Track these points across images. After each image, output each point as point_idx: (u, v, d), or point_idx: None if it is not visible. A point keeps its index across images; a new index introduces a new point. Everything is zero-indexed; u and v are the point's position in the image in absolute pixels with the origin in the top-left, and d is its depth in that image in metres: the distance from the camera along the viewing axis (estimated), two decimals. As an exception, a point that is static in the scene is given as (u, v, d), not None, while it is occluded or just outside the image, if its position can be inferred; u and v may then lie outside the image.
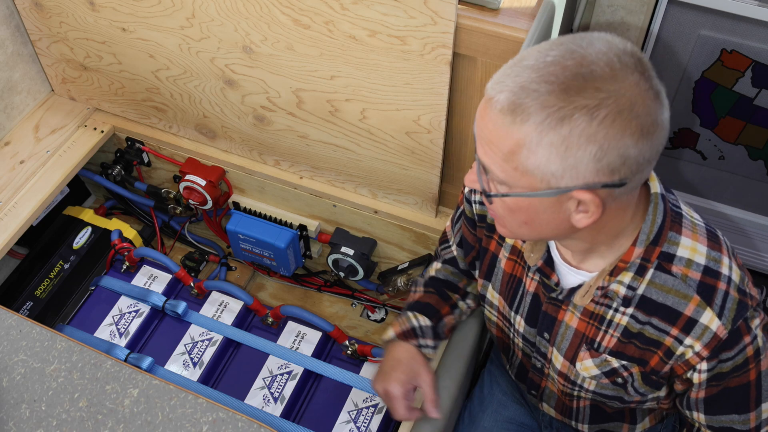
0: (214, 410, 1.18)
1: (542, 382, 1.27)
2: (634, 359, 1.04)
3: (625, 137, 0.80)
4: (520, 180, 0.85)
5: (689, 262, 0.96)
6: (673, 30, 1.68)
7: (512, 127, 0.81)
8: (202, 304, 1.66)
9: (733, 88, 1.74)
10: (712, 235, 1.00)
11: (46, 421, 1.18)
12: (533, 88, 0.80)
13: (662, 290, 0.97)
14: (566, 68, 0.79)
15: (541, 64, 0.81)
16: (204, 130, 1.70)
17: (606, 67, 0.79)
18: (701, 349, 0.97)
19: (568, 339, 1.10)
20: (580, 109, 0.78)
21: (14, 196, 1.62)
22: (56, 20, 1.59)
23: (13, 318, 1.30)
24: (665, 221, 0.97)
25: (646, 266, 0.97)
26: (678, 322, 0.97)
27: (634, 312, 1.00)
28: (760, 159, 1.87)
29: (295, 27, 1.33)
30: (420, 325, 1.23)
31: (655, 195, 0.97)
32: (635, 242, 0.96)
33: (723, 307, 0.96)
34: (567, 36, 0.85)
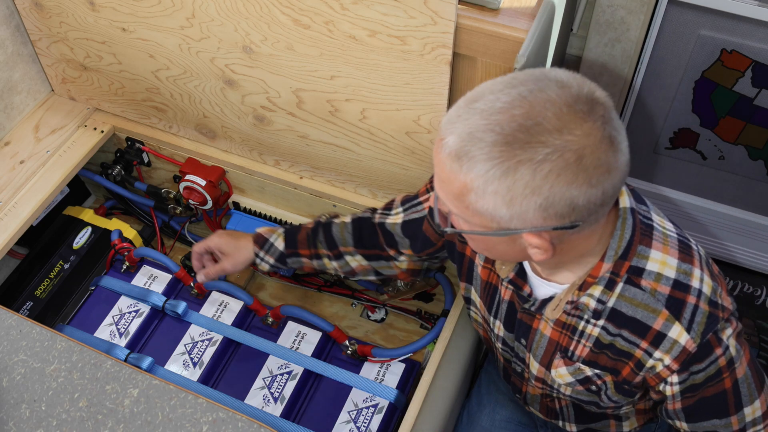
0: (214, 410, 1.18)
1: (524, 387, 1.28)
2: (607, 369, 1.05)
3: (571, 189, 0.80)
4: (473, 218, 0.87)
5: (658, 276, 0.96)
6: (673, 30, 1.68)
7: (459, 173, 0.82)
8: (202, 304, 1.66)
9: (733, 88, 1.74)
10: (684, 247, 0.99)
11: (46, 421, 1.18)
12: (479, 136, 0.80)
13: (632, 304, 0.97)
14: (513, 118, 0.79)
15: (491, 110, 0.80)
16: (204, 130, 1.70)
17: (554, 118, 0.79)
18: (671, 362, 0.97)
19: (543, 346, 1.11)
20: (524, 163, 0.79)
21: (14, 196, 1.62)
22: (56, 20, 1.59)
23: (13, 318, 1.30)
24: (634, 235, 0.96)
25: (616, 280, 0.97)
26: (647, 336, 0.97)
27: (604, 324, 1.00)
28: (760, 159, 1.87)
29: (295, 27, 1.33)
30: (273, 245, 1.37)
31: (624, 210, 0.96)
32: (603, 258, 0.96)
33: (692, 320, 0.95)
34: (524, 74, 0.83)
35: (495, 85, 0.83)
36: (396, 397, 1.48)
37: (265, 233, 1.40)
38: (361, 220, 1.36)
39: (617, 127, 0.83)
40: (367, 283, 1.79)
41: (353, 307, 1.86)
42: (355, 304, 1.86)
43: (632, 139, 1.95)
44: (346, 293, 1.84)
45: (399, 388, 1.50)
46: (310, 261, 1.39)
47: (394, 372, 1.54)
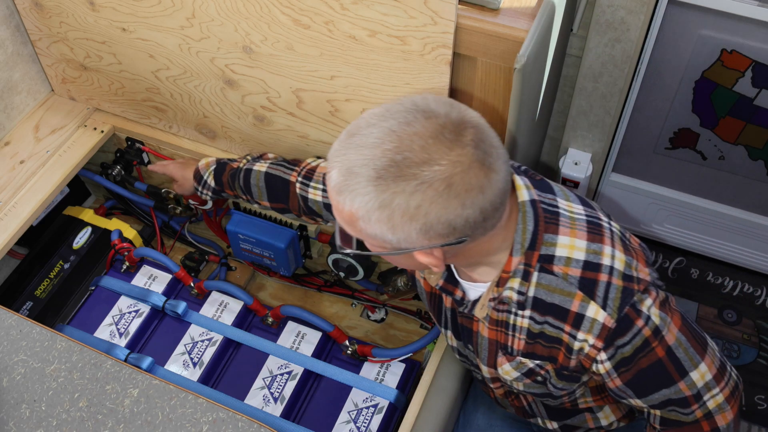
0: (214, 410, 1.18)
1: (490, 392, 1.30)
2: (545, 357, 1.07)
3: (446, 213, 0.86)
4: (368, 240, 0.93)
5: (568, 260, 0.99)
6: (673, 30, 1.68)
7: (344, 204, 0.88)
8: (202, 304, 1.66)
9: (733, 88, 1.74)
10: (593, 227, 1.02)
11: (46, 421, 1.18)
12: (356, 171, 0.86)
13: (549, 290, 1.00)
14: (384, 153, 0.85)
15: (365, 144, 0.86)
16: (204, 130, 1.70)
17: (420, 151, 0.84)
18: (595, 341, 1.00)
19: (486, 348, 1.14)
20: (398, 195, 0.85)
21: (14, 196, 1.62)
22: (56, 20, 1.59)
23: (13, 318, 1.30)
24: (538, 226, 1.00)
25: (530, 270, 1.00)
26: (568, 319, 1.00)
27: (531, 314, 1.03)
28: (760, 159, 1.87)
29: (295, 27, 1.33)
30: (206, 181, 1.49)
31: (522, 204, 1.00)
32: (512, 252, 1.00)
33: (606, 297, 0.98)
34: (396, 106, 0.88)
35: (371, 117, 0.88)
36: (396, 397, 1.48)
37: (202, 168, 1.49)
38: (275, 178, 1.38)
39: (489, 148, 0.87)
40: (367, 283, 1.79)
41: (353, 307, 1.86)
42: (355, 304, 1.86)
43: (632, 139, 1.96)
44: (346, 293, 1.84)
45: (399, 388, 1.50)
46: (236, 198, 1.50)
47: (394, 372, 1.54)
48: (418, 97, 0.90)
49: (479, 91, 1.34)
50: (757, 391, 2.00)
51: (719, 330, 2.10)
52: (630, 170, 2.06)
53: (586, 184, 1.98)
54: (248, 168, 1.42)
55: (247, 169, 1.42)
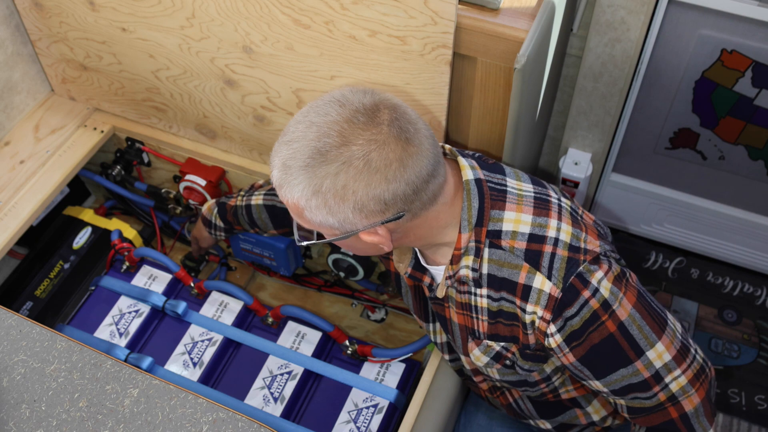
0: (214, 410, 1.18)
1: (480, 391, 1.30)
2: (508, 338, 1.09)
3: (372, 187, 0.92)
4: (319, 228, 0.99)
5: (514, 234, 1.02)
6: (673, 30, 1.68)
7: (288, 198, 0.96)
8: (202, 304, 1.66)
9: (733, 88, 1.74)
10: (540, 203, 1.05)
11: (46, 421, 1.18)
12: (289, 164, 0.93)
13: (498, 265, 1.03)
14: (308, 144, 0.92)
15: (292, 140, 0.94)
16: (204, 130, 1.70)
17: (338, 136, 0.91)
18: (543, 312, 1.01)
19: (458, 335, 1.17)
20: (325, 178, 0.91)
21: (14, 196, 1.62)
22: (56, 20, 1.59)
23: (13, 318, 1.30)
24: (483, 202, 1.03)
25: (480, 247, 1.03)
26: (517, 292, 1.03)
27: (488, 292, 1.06)
28: (760, 159, 1.87)
29: (295, 27, 1.33)
30: (215, 224, 1.59)
31: (466, 182, 1.03)
32: (460, 229, 1.03)
33: (551, 267, 1.00)
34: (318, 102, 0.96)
35: (298, 115, 0.96)
36: (396, 397, 1.48)
37: (206, 213, 1.60)
38: (274, 208, 1.48)
39: (405, 124, 0.93)
40: (367, 283, 1.79)
41: (353, 307, 1.86)
42: (355, 304, 1.86)
43: (632, 139, 1.96)
44: (346, 293, 1.84)
45: (399, 388, 1.50)
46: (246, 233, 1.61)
47: (394, 372, 1.54)
48: (336, 90, 0.97)
49: (479, 91, 1.34)
50: (757, 391, 2.00)
51: (719, 330, 2.10)
52: (630, 170, 2.06)
53: (586, 184, 1.98)
54: (247, 204, 1.51)
55: (246, 205, 1.51)
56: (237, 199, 1.53)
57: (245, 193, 1.52)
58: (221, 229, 1.60)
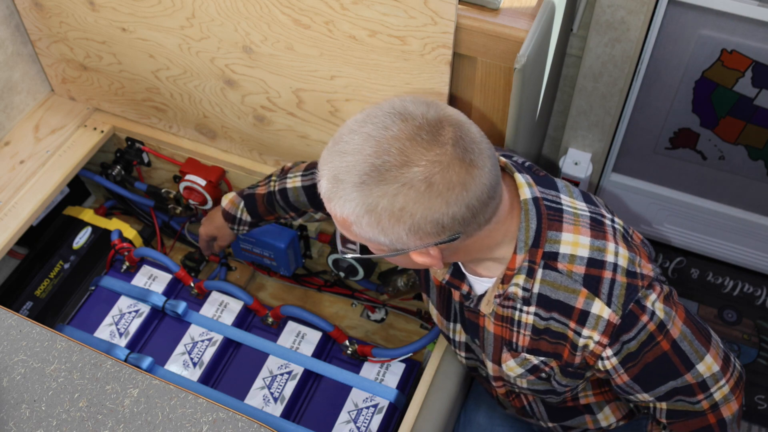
0: (214, 410, 1.18)
1: (493, 390, 1.30)
2: (549, 354, 1.08)
3: (432, 211, 0.87)
4: (366, 243, 0.95)
5: (572, 258, 1.00)
6: (673, 30, 1.68)
7: (336, 211, 0.91)
8: (202, 304, 1.66)
9: (733, 88, 1.74)
10: (596, 224, 1.03)
11: (46, 421, 1.18)
12: (341, 178, 0.88)
13: (553, 287, 1.01)
14: (365, 159, 0.86)
15: (346, 151, 0.88)
16: (204, 130, 1.70)
17: (399, 154, 0.85)
18: (600, 337, 1.00)
19: (491, 343, 1.14)
20: (382, 198, 0.86)
21: (14, 196, 1.62)
22: (56, 20, 1.59)
23: (13, 318, 1.30)
24: (541, 223, 1.00)
25: (534, 267, 1.01)
26: (573, 315, 1.01)
27: (536, 310, 1.03)
28: (760, 159, 1.87)
29: (295, 27, 1.33)
30: (241, 218, 1.48)
31: (524, 202, 1.00)
32: (516, 250, 1.00)
33: (611, 294, 0.99)
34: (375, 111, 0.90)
35: (353, 124, 0.90)
36: (396, 397, 1.48)
37: (229, 208, 1.48)
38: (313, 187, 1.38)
39: (469, 144, 0.88)
40: (367, 283, 1.79)
41: (353, 307, 1.86)
42: (355, 304, 1.86)
43: (632, 139, 1.96)
44: (346, 293, 1.84)
45: (399, 388, 1.50)
46: (277, 221, 1.51)
47: (394, 372, 1.54)
48: (396, 99, 0.91)
49: (479, 91, 1.34)
50: (757, 391, 2.00)
51: (719, 330, 2.10)
52: (630, 170, 2.06)
53: (586, 184, 1.98)
54: (281, 188, 1.41)
55: (280, 189, 1.41)
56: (267, 186, 1.44)
57: (277, 178, 1.43)
58: (246, 224, 1.49)
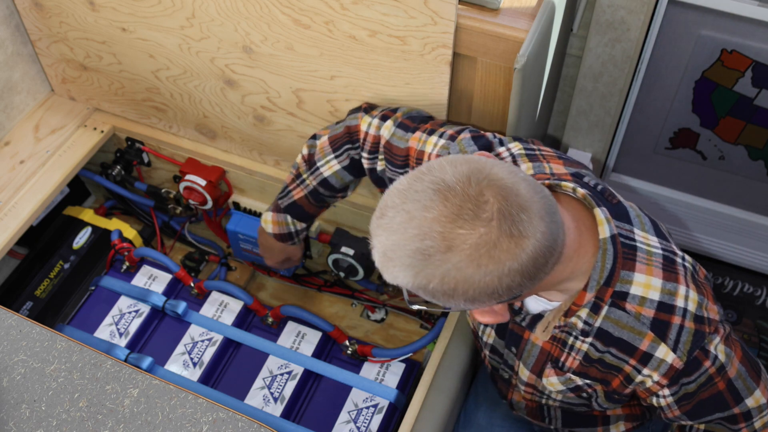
0: (214, 410, 1.18)
1: (509, 394, 1.29)
2: (597, 380, 1.06)
3: (484, 285, 0.83)
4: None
5: (642, 300, 0.97)
6: (673, 30, 1.68)
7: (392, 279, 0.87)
8: (202, 304, 1.66)
9: (733, 88, 1.74)
10: (668, 263, 1.00)
11: (46, 421, 1.18)
12: (389, 255, 0.85)
13: (618, 325, 0.99)
14: (409, 240, 0.82)
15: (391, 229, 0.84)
16: (204, 130, 1.70)
17: (442, 239, 0.81)
18: (660, 378, 0.99)
19: (534, 355, 1.12)
20: (431, 280, 0.83)
21: (14, 196, 1.62)
22: (56, 20, 1.59)
23: (13, 318, 1.30)
24: (616, 263, 0.97)
25: (600, 305, 0.98)
26: (635, 355, 0.99)
27: (593, 341, 1.02)
28: (760, 159, 1.87)
29: (295, 27, 1.33)
30: (296, 230, 1.44)
31: (603, 241, 0.96)
32: (586, 287, 0.97)
33: (678, 341, 0.97)
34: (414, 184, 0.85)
35: (395, 196, 0.86)
36: (396, 397, 1.48)
37: (280, 229, 1.43)
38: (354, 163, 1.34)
39: (515, 214, 0.82)
40: (367, 283, 1.79)
41: (353, 307, 1.86)
42: (355, 304, 1.86)
43: (632, 139, 1.95)
44: (346, 293, 1.84)
45: (399, 388, 1.50)
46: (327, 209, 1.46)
47: (394, 372, 1.54)
48: (436, 168, 0.85)
49: (479, 91, 1.34)
50: (757, 391, 1.99)
51: (719, 330, 2.10)
52: (630, 170, 2.06)
53: (586, 184, 1.98)
54: (321, 180, 1.36)
55: (321, 181, 1.36)
56: (302, 187, 1.38)
57: (307, 173, 1.36)
58: (303, 230, 1.46)
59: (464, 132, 1.15)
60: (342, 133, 1.31)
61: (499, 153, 1.10)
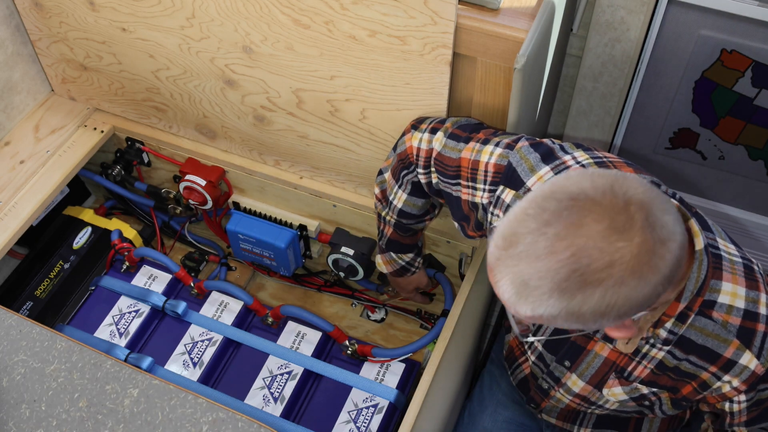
0: (214, 410, 1.18)
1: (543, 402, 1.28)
2: (666, 387, 1.06)
3: (637, 296, 0.80)
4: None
5: (729, 308, 0.98)
6: (673, 30, 1.68)
7: (524, 313, 0.82)
8: (202, 304, 1.66)
9: (733, 88, 1.74)
10: (749, 272, 1.00)
11: (46, 421, 1.18)
12: (533, 284, 0.80)
13: (702, 333, 0.99)
14: (562, 264, 0.78)
15: (534, 255, 0.79)
16: (204, 130, 1.70)
17: (600, 255, 0.78)
18: (739, 384, 1.00)
19: (595, 367, 1.11)
20: (587, 301, 0.79)
21: (14, 196, 1.62)
22: (56, 20, 1.59)
23: (13, 318, 1.30)
24: (708, 273, 0.97)
25: (688, 314, 0.98)
26: (717, 362, 0.99)
27: (671, 349, 1.01)
28: (760, 159, 1.87)
29: (295, 27, 1.33)
30: (407, 262, 1.48)
31: (699, 252, 0.96)
32: (679, 298, 0.96)
33: (762, 347, 0.98)
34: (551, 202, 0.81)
35: (528, 222, 0.81)
36: (396, 397, 1.48)
37: (393, 266, 1.49)
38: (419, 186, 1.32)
39: (660, 219, 0.80)
40: (367, 283, 1.79)
41: (353, 307, 1.86)
42: (355, 304, 1.86)
43: (632, 139, 1.96)
44: (346, 293, 1.84)
45: (399, 388, 1.50)
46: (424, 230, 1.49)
47: (394, 372, 1.54)
48: (567, 182, 0.82)
49: (479, 91, 1.34)
50: (757, 391, 1.99)
51: (719, 330, 2.10)
52: (630, 170, 2.06)
53: (586, 184, 1.98)
54: (399, 211, 1.36)
55: (399, 213, 1.36)
56: (387, 224, 1.39)
57: (386, 210, 1.37)
58: (414, 259, 1.47)
59: (521, 141, 1.12)
60: (396, 163, 1.31)
61: (564, 161, 1.06)
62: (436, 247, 1.64)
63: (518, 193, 1.08)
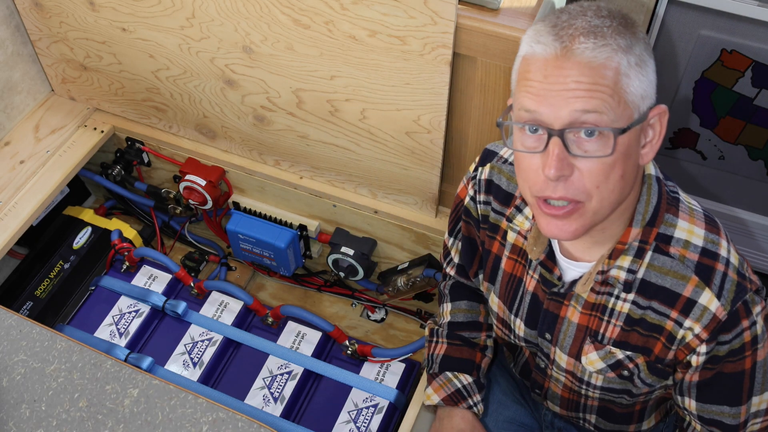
0: (214, 410, 1.18)
1: (545, 383, 1.27)
2: (638, 348, 1.05)
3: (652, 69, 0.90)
4: (623, 114, 0.88)
5: (687, 243, 0.98)
6: (673, 30, 1.68)
7: (606, 61, 0.86)
8: (202, 304, 1.66)
9: (733, 88, 1.74)
10: (710, 221, 1.02)
11: (46, 421, 1.18)
12: (598, 23, 0.87)
13: (660, 272, 0.99)
14: (605, 7, 0.89)
15: (583, 10, 0.88)
16: (204, 130, 1.70)
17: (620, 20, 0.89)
18: (701, 331, 0.98)
19: (571, 335, 1.11)
20: (635, 36, 0.88)
21: (14, 196, 1.62)
22: (56, 20, 1.59)
23: (13, 318, 1.30)
24: (660, 203, 0.99)
25: (645, 248, 0.99)
26: (677, 304, 0.99)
27: (635, 298, 1.01)
28: (760, 159, 1.87)
29: (295, 27, 1.33)
30: (464, 385, 1.25)
31: (649, 176, 1.00)
32: (631, 223, 0.98)
33: (722, 287, 0.97)
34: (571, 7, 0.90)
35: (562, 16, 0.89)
36: (396, 397, 1.48)
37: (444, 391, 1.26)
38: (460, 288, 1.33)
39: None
40: (367, 283, 1.79)
41: (353, 307, 1.86)
42: (355, 304, 1.86)
43: (632, 139, 1.95)
44: (346, 293, 1.84)
45: (399, 388, 1.50)
46: (486, 358, 1.32)
47: (394, 372, 1.54)
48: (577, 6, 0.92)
49: (479, 91, 1.34)
50: (757, 391, 1.99)
51: (719, 330, 2.10)
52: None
53: (586, 184, 1.98)
54: (449, 323, 1.30)
55: (450, 324, 1.30)
56: (439, 343, 1.29)
57: (439, 329, 1.31)
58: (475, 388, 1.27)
59: None
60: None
61: None
62: (436, 247, 1.64)
63: (493, 164, 1.13)
